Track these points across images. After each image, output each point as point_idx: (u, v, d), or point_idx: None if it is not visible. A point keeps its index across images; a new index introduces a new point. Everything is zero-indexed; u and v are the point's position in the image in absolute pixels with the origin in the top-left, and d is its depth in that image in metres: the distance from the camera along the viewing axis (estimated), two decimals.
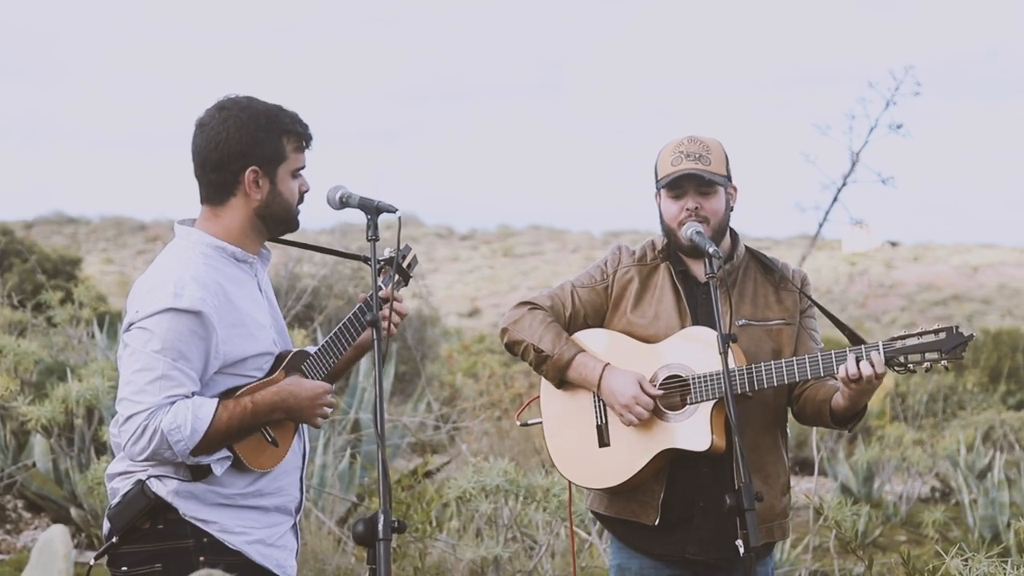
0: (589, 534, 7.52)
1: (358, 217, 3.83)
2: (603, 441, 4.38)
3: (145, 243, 48.15)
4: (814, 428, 6.36)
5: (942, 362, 4.11)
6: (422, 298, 16.13)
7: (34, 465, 8.60)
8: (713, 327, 4.23)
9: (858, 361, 4.11)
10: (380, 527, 3.45)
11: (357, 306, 4.00)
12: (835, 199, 18.64)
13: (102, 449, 8.18)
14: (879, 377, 4.12)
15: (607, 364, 4.35)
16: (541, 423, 4.53)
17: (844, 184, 18.60)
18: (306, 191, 3.82)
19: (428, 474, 8.71)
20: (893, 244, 48.68)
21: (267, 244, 3.89)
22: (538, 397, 4.57)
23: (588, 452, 4.40)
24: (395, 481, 6.91)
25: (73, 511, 8.28)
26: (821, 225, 19.01)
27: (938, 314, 38.96)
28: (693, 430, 4.26)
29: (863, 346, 4.16)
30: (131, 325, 3.65)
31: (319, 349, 3.90)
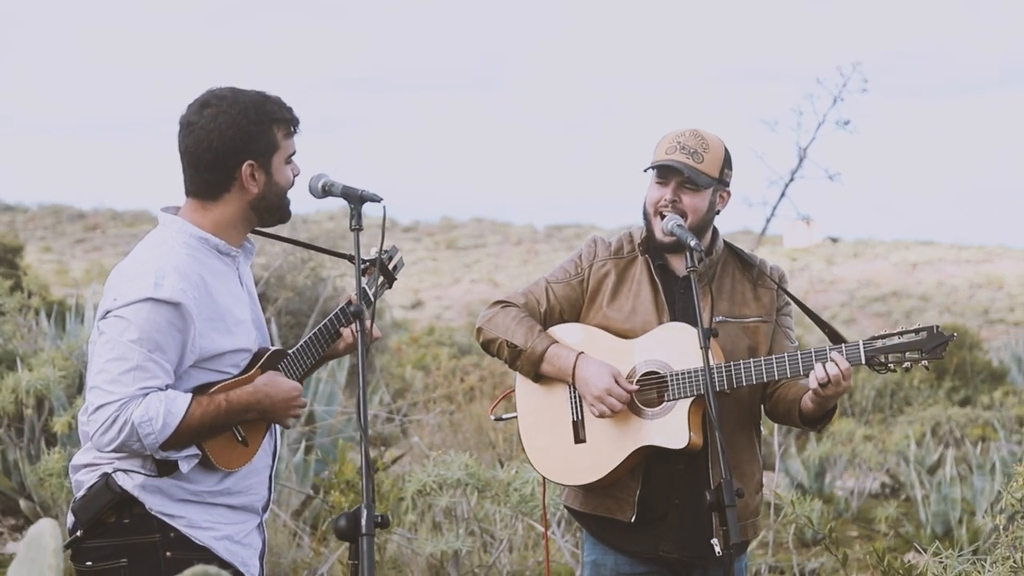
0: (549, 529, 7.49)
1: (309, 207, 3.77)
2: (579, 437, 4.34)
3: (84, 232, 47.62)
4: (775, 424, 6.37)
5: (922, 362, 4.11)
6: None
7: None
8: (691, 322, 4.20)
9: (824, 364, 4.10)
10: (364, 522, 3.40)
11: (339, 307, 3.93)
12: (782, 195, 18.75)
13: (52, 440, 8.04)
14: (846, 378, 4.10)
15: (581, 353, 4.30)
16: (516, 418, 4.49)
17: (792, 180, 18.70)
18: (297, 175, 3.75)
19: (384, 467, 8.63)
20: (834, 240, 49.13)
21: (251, 238, 3.82)
22: (512, 391, 4.52)
23: (564, 448, 4.36)
24: (355, 474, 6.82)
25: (22, 503, 8.14)
26: (768, 220, 19.10)
27: (877, 310, 39.32)
28: (670, 427, 4.22)
29: (843, 345, 4.15)
30: (108, 313, 3.56)
31: (298, 348, 3.83)
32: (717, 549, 3.99)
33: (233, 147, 3.61)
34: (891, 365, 4.13)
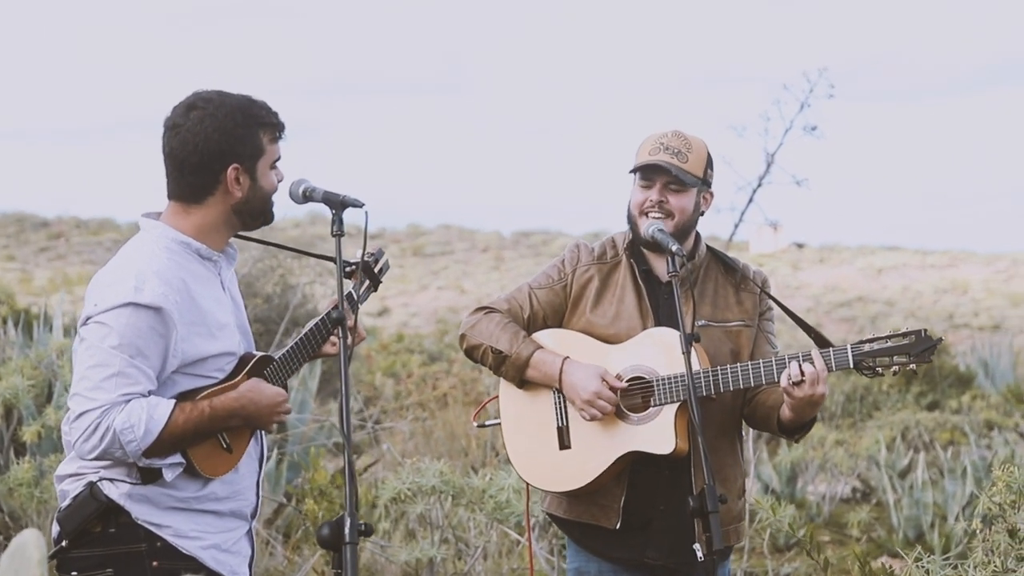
0: (522, 535, 7.46)
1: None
2: (564, 444, 4.31)
3: (47, 240, 47.26)
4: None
5: (910, 365, 4.10)
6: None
7: None
8: (676, 327, 4.18)
9: (800, 365, 4.08)
10: (347, 530, 3.37)
11: (324, 312, 3.89)
12: (750, 200, 18.81)
13: (22, 450, 7.95)
14: (821, 381, 4.06)
15: (567, 357, 4.28)
16: (499, 424, 4.46)
17: (760, 185, 18.78)
18: (281, 180, 3.72)
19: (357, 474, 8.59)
20: (799, 246, 49.36)
21: (234, 244, 3.78)
22: (495, 397, 4.50)
23: (548, 455, 4.33)
24: (328, 481, 6.79)
25: None
26: (737, 226, 19.17)
27: (843, 315, 39.48)
28: (656, 433, 4.20)
29: (831, 349, 4.14)
30: (88, 319, 3.53)
31: (284, 354, 3.80)
32: (699, 554, 3.98)
33: (219, 150, 3.58)
34: (879, 369, 4.12)
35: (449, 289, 41.85)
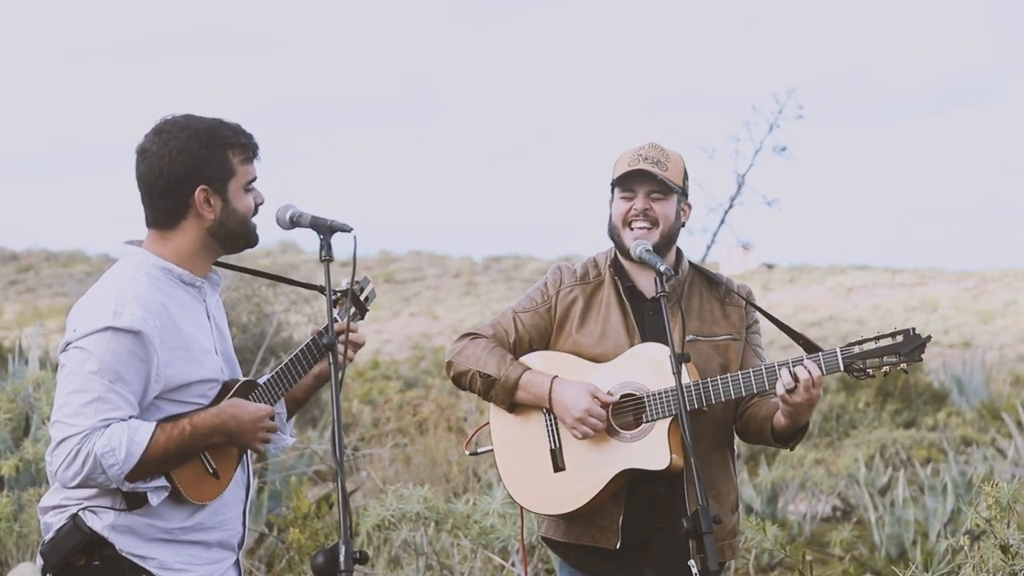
0: (509, 560, 7.43)
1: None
2: (558, 466, 4.29)
3: (17, 273, 46.98)
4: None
5: (901, 365, 4.10)
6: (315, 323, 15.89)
7: None
8: (662, 342, 4.18)
9: (792, 370, 4.07)
10: (342, 559, 3.34)
11: (311, 337, 3.86)
12: (722, 221, 18.85)
13: (1, 483, 7.88)
14: (815, 386, 4.08)
15: (555, 376, 4.26)
16: (492, 451, 4.43)
17: (731, 206, 18.81)
18: (261, 203, 3.69)
19: (332, 504, 8.54)
20: (769, 266, 49.52)
21: (217, 271, 3.75)
22: (486, 425, 4.47)
23: (543, 478, 4.30)
24: (314, 510, 6.74)
25: None
26: (709, 247, 19.19)
27: (815, 335, 39.57)
28: (650, 449, 4.18)
29: (820, 353, 4.14)
30: (68, 345, 3.50)
31: (269, 379, 3.76)
32: (694, 571, 3.96)
33: (185, 173, 3.55)
34: (870, 371, 4.11)
35: (421, 315, 41.77)
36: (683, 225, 4.38)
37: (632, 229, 4.29)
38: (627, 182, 4.29)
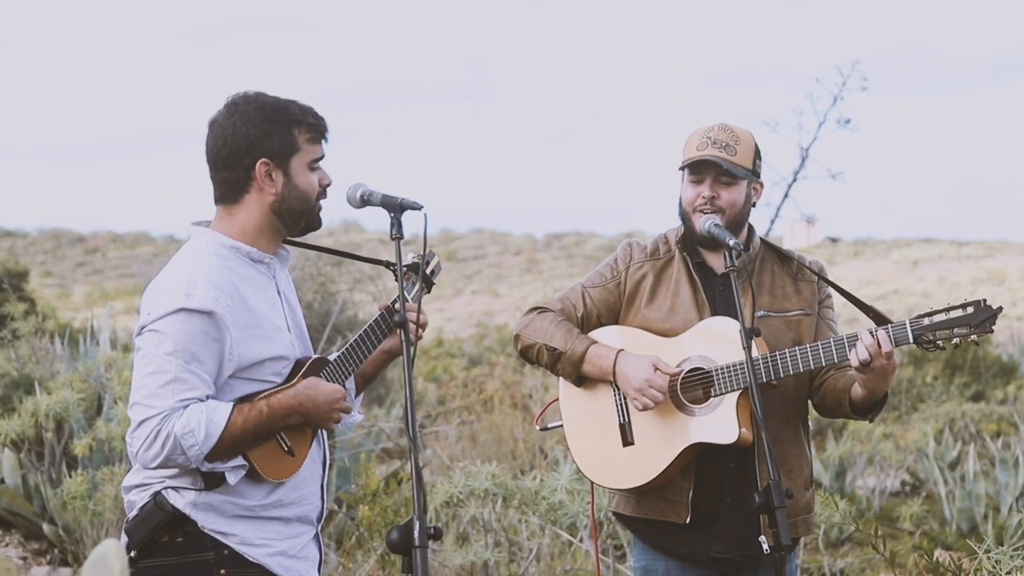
0: (575, 536, 7.44)
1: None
2: (627, 440, 4.29)
3: (84, 255, 47.57)
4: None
5: (971, 337, 4.06)
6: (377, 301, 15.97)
7: (2, 481, 8.39)
8: (732, 317, 4.17)
9: (862, 342, 4.05)
10: (416, 534, 3.36)
11: (379, 312, 3.88)
12: (786, 195, 18.72)
13: (73, 463, 8.00)
14: (887, 356, 4.05)
15: (620, 350, 4.26)
16: (561, 426, 4.44)
17: (795, 180, 18.67)
18: (327, 184, 3.69)
19: (401, 481, 8.59)
20: (833, 240, 48.97)
21: (286, 247, 3.77)
22: (556, 400, 4.48)
23: (612, 452, 4.31)
24: (383, 487, 6.78)
25: (45, 527, 8.08)
26: (772, 222, 19.06)
27: (881, 308, 39.29)
28: (719, 423, 4.17)
29: (890, 325, 4.10)
30: (143, 328, 3.53)
31: (339, 356, 3.78)
32: (765, 547, 3.95)
33: (247, 144, 3.57)
34: (940, 342, 4.07)
35: (483, 293, 41.86)
36: (754, 205, 4.36)
37: (701, 214, 4.28)
38: (695, 167, 4.28)
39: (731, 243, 4.11)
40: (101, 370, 8.34)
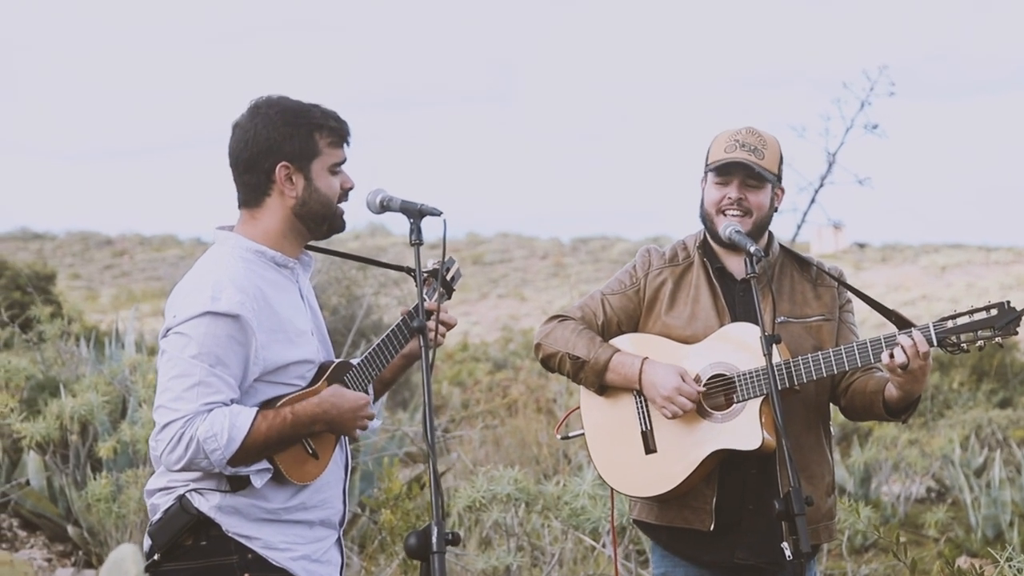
0: (597, 541, 7.43)
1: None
2: (649, 448, 4.28)
3: (112, 258, 47.75)
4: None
5: (996, 339, 4.03)
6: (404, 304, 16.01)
7: (28, 483, 8.43)
8: (753, 323, 4.15)
9: (895, 346, 4.03)
10: (434, 540, 3.36)
11: (401, 317, 3.90)
12: (812, 200, 18.65)
13: (98, 466, 8.04)
14: (924, 357, 4.02)
15: (646, 358, 4.26)
16: (583, 435, 4.43)
17: (821, 185, 18.61)
18: (350, 188, 3.70)
19: (424, 485, 8.60)
20: (861, 246, 48.94)
21: (309, 252, 3.78)
22: (577, 409, 4.47)
23: (635, 460, 4.30)
24: (405, 491, 6.78)
25: (70, 529, 8.12)
26: (799, 227, 19.00)
27: (908, 314, 39.08)
28: (742, 429, 4.16)
29: (912, 329, 4.09)
30: (168, 331, 3.54)
31: (362, 360, 3.80)
32: (787, 553, 3.94)
33: (267, 147, 3.59)
34: (964, 345, 4.05)
35: (510, 297, 41.85)
36: (776, 210, 4.36)
37: (725, 217, 4.27)
38: (723, 169, 4.27)
39: (752, 249, 4.10)
40: (126, 373, 8.37)
